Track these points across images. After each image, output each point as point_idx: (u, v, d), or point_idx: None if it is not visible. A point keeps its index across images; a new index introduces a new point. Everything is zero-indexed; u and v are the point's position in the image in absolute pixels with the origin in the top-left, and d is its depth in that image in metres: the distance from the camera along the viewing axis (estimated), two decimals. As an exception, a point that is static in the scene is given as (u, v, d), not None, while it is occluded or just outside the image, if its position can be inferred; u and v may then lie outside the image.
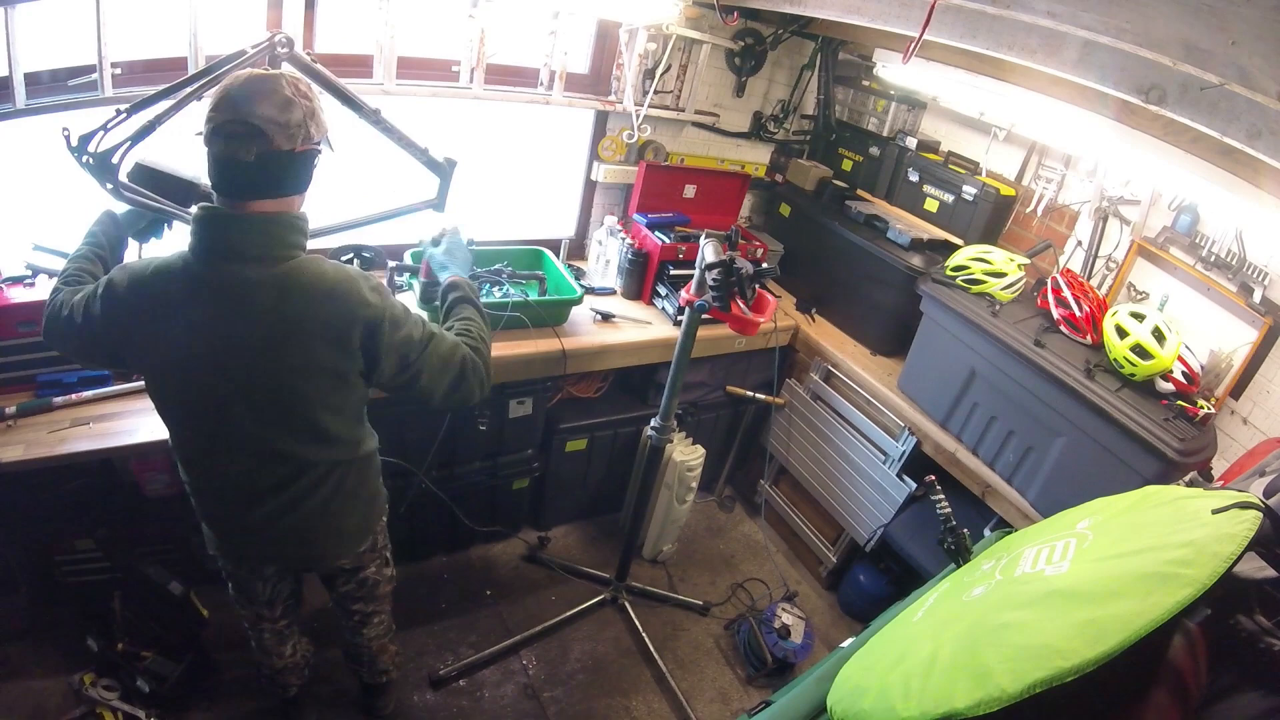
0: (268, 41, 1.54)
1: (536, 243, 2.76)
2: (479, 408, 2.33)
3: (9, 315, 1.77)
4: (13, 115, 1.71)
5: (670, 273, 2.71)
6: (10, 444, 1.68)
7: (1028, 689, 0.80)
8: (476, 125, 2.56)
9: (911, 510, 2.55)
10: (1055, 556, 1.01)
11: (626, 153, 2.92)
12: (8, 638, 2.09)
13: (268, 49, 1.55)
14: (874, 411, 2.68)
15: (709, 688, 2.53)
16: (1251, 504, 0.89)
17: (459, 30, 2.31)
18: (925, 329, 2.52)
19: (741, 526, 3.32)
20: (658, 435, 2.29)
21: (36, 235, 1.83)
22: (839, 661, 1.26)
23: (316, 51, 2.19)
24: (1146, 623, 0.77)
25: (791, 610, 2.62)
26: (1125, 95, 1.41)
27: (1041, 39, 1.50)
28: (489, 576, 2.72)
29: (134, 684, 1.93)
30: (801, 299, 3.14)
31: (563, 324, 2.48)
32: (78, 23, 1.73)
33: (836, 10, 1.95)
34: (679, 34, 2.66)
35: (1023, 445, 2.21)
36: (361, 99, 1.73)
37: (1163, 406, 1.95)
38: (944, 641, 0.99)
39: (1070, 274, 2.34)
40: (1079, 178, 2.55)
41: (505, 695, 2.32)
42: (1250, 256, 2.11)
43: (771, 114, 3.24)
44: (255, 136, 1.15)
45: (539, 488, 2.82)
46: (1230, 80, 1.22)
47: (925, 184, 2.85)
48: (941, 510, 1.45)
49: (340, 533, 1.59)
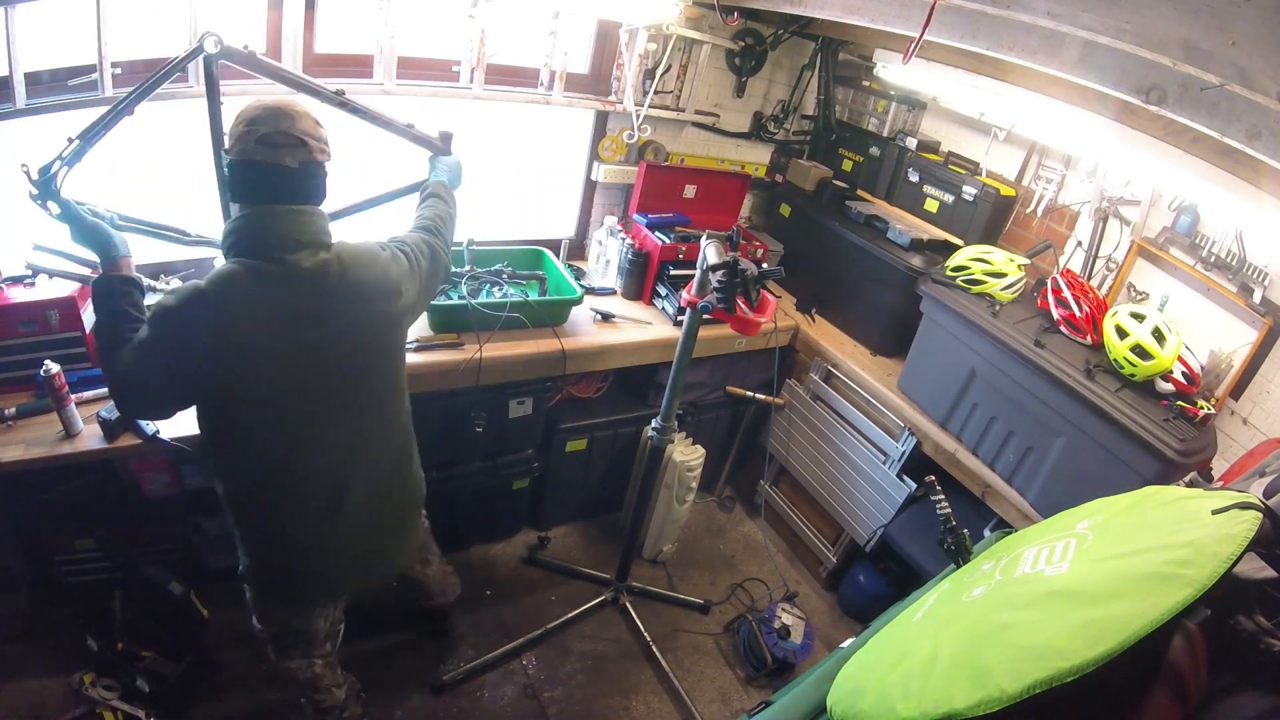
0: (198, 43, 1.52)
1: (537, 243, 2.76)
2: (475, 409, 2.34)
3: (9, 315, 1.77)
4: (13, 115, 1.71)
5: (670, 273, 2.71)
6: (10, 444, 1.68)
7: (1027, 689, 0.80)
8: (477, 125, 2.56)
9: (911, 510, 2.55)
10: (1055, 557, 1.01)
11: (626, 153, 2.92)
12: (8, 638, 2.09)
13: (197, 50, 1.52)
14: (874, 412, 2.68)
15: (709, 688, 2.53)
16: (1251, 504, 0.89)
17: (459, 30, 2.31)
18: (925, 329, 2.52)
19: (741, 526, 3.32)
20: (658, 436, 2.29)
21: (36, 235, 1.83)
22: (839, 662, 1.26)
23: (317, 52, 2.20)
24: (1146, 623, 0.77)
25: (791, 610, 2.62)
26: (1125, 95, 1.41)
27: (1041, 39, 1.50)
28: (489, 576, 2.72)
29: (134, 684, 1.93)
30: (801, 299, 3.14)
31: (563, 324, 2.48)
32: (78, 23, 1.73)
33: (836, 10, 1.95)
34: (679, 34, 2.66)
35: (1023, 446, 2.21)
36: (318, 84, 1.69)
37: (1163, 407, 1.95)
38: (944, 642, 0.99)
39: (1070, 274, 2.34)
40: (1079, 178, 2.55)
41: (505, 695, 2.32)
42: (1250, 257, 2.11)
43: (771, 114, 3.24)
44: (299, 146, 1.29)
45: (539, 488, 2.82)
46: (1230, 80, 1.22)
47: (925, 184, 2.85)
48: (941, 510, 1.45)
49: (415, 529, 1.82)
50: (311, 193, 1.35)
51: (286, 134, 1.27)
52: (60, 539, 2.05)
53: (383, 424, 1.54)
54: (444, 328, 2.27)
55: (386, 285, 1.46)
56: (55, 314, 1.82)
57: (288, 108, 1.30)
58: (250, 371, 1.30)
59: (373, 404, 1.50)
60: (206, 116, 1.63)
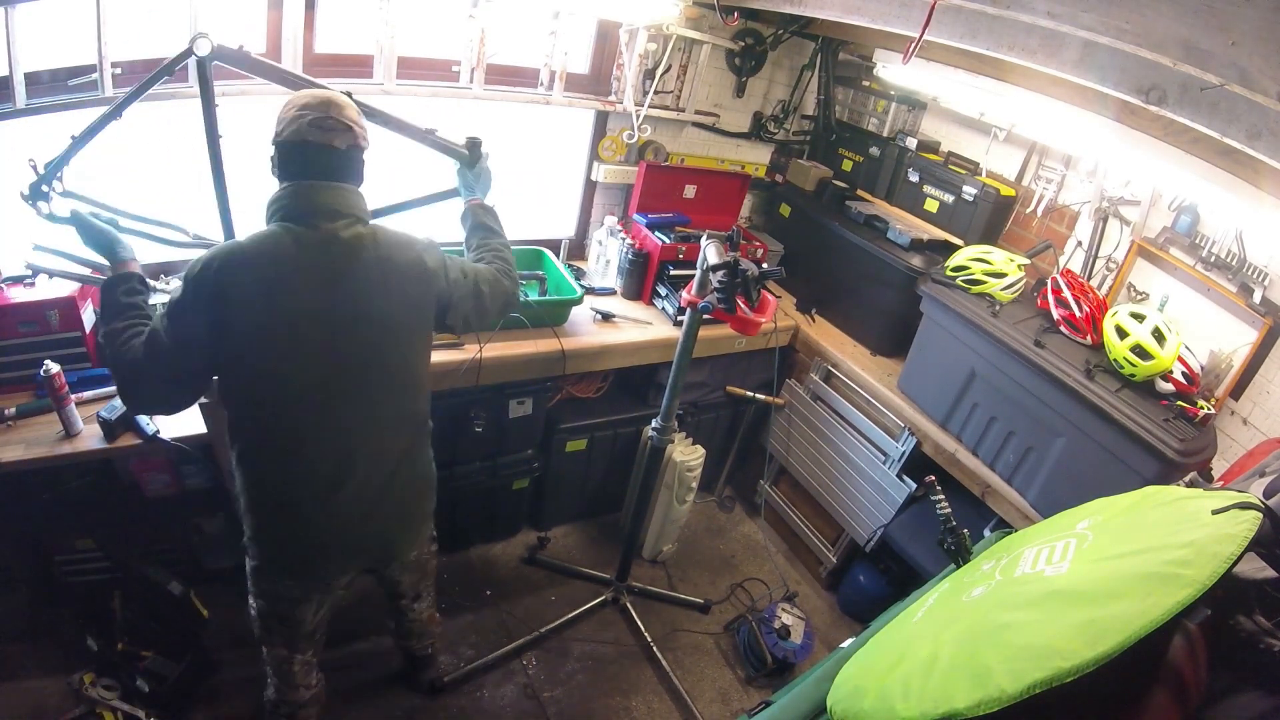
0: (188, 45, 1.51)
1: (537, 243, 2.76)
2: (475, 409, 2.34)
3: (9, 315, 1.78)
4: (13, 115, 1.71)
5: (670, 273, 2.71)
6: (10, 444, 1.68)
7: (1027, 689, 0.80)
8: (477, 126, 2.54)
9: (911, 510, 2.55)
10: (1055, 557, 1.01)
11: (626, 153, 2.92)
12: (8, 638, 2.09)
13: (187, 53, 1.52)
14: (874, 412, 2.68)
15: (709, 688, 2.53)
16: (1251, 504, 0.89)
17: (459, 30, 2.31)
18: (925, 329, 2.52)
19: (741, 526, 3.32)
20: (658, 436, 2.29)
21: (36, 235, 1.83)
22: (839, 662, 1.26)
23: (317, 52, 2.20)
24: (1146, 623, 0.77)
25: (791, 610, 2.62)
26: (1125, 95, 1.41)
27: (1041, 39, 1.50)
28: (489, 576, 2.72)
29: (134, 684, 1.93)
30: (801, 299, 3.14)
31: (563, 324, 2.48)
32: (78, 23, 1.73)
33: (837, 10, 1.95)
34: (679, 34, 2.66)
35: (1023, 446, 2.21)
36: (320, 84, 1.62)
37: (1163, 407, 1.95)
38: (944, 642, 0.99)
39: (1070, 274, 2.34)
40: (1079, 178, 2.55)
41: (505, 695, 2.32)
42: (1250, 257, 2.11)
43: (771, 114, 3.24)
44: (347, 131, 1.40)
45: (539, 488, 2.82)
46: (1230, 80, 1.22)
47: (925, 184, 2.85)
48: (941, 511, 1.45)
49: (421, 517, 1.77)
50: (354, 174, 1.45)
51: (336, 119, 1.38)
52: (60, 539, 2.05)
53: (397, 406, 1.56)
54: (444, 328, 2.27)
55: (419, 270, 1.50)
56: (55, 314, 1.82)
57: (336, 98, 1.41)
58: (278, 324, 1.35)
59: (389, 384, 1.52)
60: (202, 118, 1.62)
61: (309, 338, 1.38)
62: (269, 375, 1.38)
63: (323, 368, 1.41)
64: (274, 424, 1.43)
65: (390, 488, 1.58)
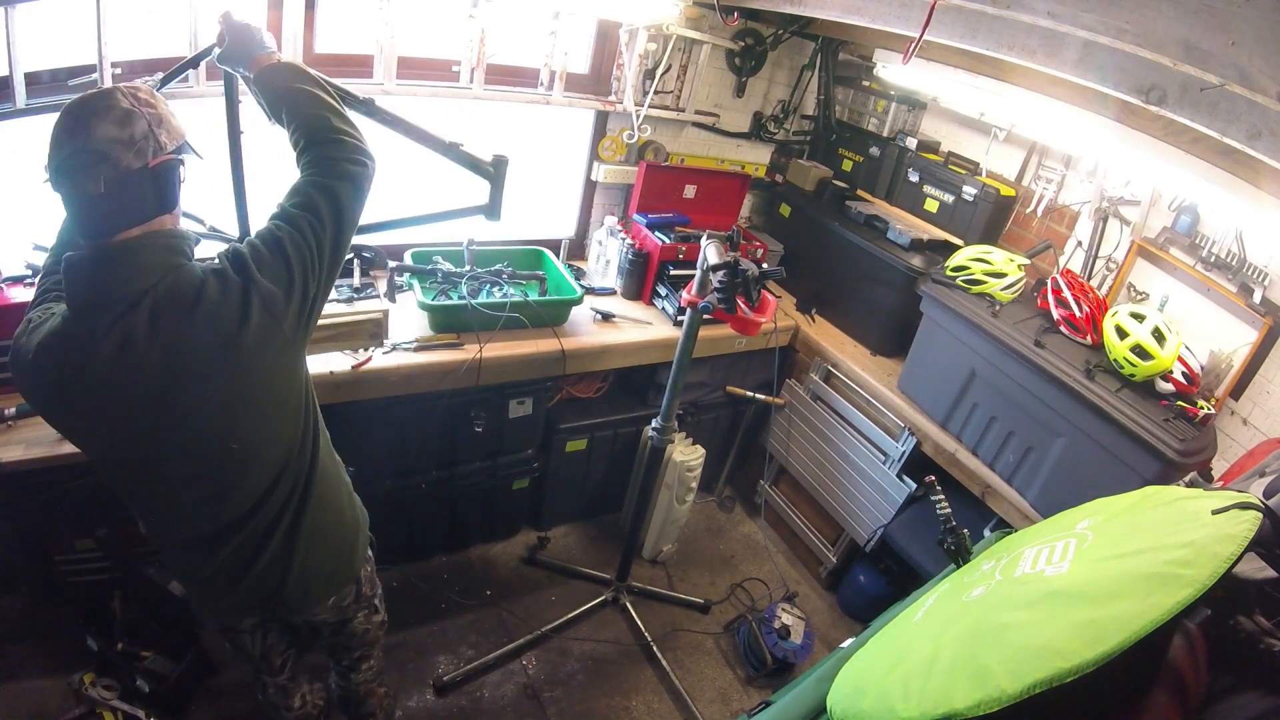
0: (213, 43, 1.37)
1: (537, 243, 2.77)
2: (475, 409, 2.34)
3: (9, 315, 1.77)
4: (13, 115, 1.71)
5: (670, 273, 2.71)
6: (10, 444, 1.68)
7: (1027, 689, 0.80)
8: (477, 125, 2.56)
9: (911, 510, 2.55)
10: (1055, 557, 1.01)
11: (627, 153, 2.92)
12: (8, 638, 2.09)
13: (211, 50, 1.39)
14: (874, 412, 2.68)
15: (709, 688, 2.53)
16: (1251, 504, 0.89)
17: (459, 30, 2.31)
18: (925, 329, 2.52)
19: (741, 526, 3.32)
20: (658, 436, 2.29)
21: (36, 235, 1.83)
22: (839, 662, 1.26)
23: (317, 52, 2.20)
24: (1146, 623, 0.77)
25: (791, 610, 2.62)
26: (1125, 95, 1.41)
27: (1041, 39, 1.50)
28: (489, 576, 2.72)
29: (134, 684, 1.93)
30: (801, 299, 3.14)
31: (563, 324, 2.48)
32: (78, 23, 1.73)
33: (837, 10, 1.95)
34: (679, 34, 2.66)
35: (1023, 446, 2.21)
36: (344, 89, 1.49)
37: (1163, 407, 1.95)
38: (944, 642, 0.99)
39: (1070, 274, 2.34)
40: (1079, 178, 2.55)
41: (505, 695, 2.32)
42: (1250, 257, 2.11)
43: (771, 114, 3.24)
44: (99, 163, 1.01)
45: (539, 488, 2.82)
46: (1230, 81, 1.22)
47: (925, 184, 2.85)
48: (941, 510, 1.45)
49: (313, 572, 1.43)
50: (132, 212, 1.07)
51: (84, 151, 1.01)
52: (60, 539, 2.05)
53: (254, 479, 1.26)
54: (444, 328, 2.27)
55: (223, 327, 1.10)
56: (55, 314, 1.82)
57: (84, 111, 1.03)
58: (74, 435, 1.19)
59: (234, 468, 1.22)
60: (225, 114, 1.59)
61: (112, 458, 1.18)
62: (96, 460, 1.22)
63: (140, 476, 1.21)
64: (121, 492, 1.29)
65: (271, 538, 1.34)
